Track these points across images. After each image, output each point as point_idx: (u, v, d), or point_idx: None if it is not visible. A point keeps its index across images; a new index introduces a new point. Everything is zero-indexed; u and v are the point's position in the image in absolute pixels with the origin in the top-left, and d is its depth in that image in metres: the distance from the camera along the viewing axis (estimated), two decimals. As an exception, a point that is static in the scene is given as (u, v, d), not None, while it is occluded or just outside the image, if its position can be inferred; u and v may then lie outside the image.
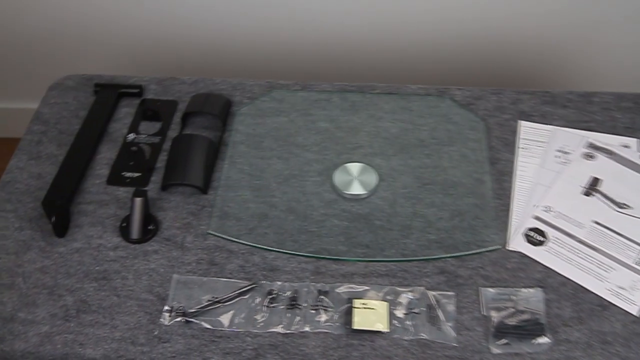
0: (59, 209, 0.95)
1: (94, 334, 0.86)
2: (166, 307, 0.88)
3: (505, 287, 0.90)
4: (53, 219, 0.94)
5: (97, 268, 0.92)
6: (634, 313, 0.88)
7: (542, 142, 1.07)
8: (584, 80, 1.59)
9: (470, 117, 1.10)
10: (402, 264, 0.93)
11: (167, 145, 1.07)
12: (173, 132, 1.09)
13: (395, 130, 1.09)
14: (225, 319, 0.87)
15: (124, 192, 1.01)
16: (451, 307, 0.88)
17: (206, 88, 1.16)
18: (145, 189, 0.99)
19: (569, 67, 1.57)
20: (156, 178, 1.03)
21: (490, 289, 0.89)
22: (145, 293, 0.90)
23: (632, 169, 1.02)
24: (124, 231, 0.96)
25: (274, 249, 0.94)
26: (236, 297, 0.89)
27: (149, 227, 0.96)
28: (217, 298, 0.88)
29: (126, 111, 1.13)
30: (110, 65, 1.61)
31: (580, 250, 0.93)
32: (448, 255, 0.93)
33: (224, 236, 0.95)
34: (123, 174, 1.03)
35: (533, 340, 0.85)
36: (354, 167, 1.03)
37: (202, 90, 1.16)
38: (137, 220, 0.94)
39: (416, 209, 0.98)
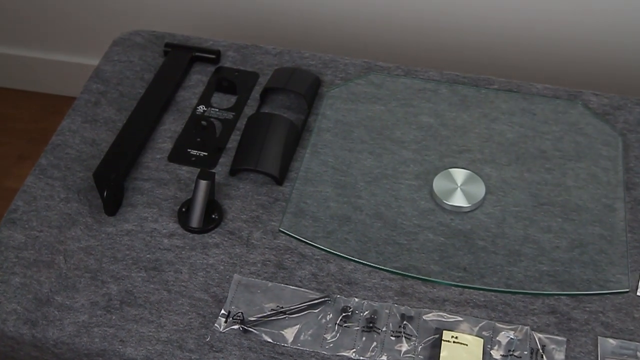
0: (112, 183, 0.98)
1: (137, 331, 0.88)
2: (222, 311, 0.89)
3: (630, 340, 0.88)
4: (105, 193, 0.97)
5: (148, 256, 0.95)
6: None
7: (692, 169, 1.04)
8: None
9: (605, 130, 1.08)
10: (505, 295, 0.92)
11: (241, 123, 1.09)
12: (250, 109, 1.11)
13: (512, 135, 1.08)
14: (289, 333, 0.88)
15: (186, 171, 1.03)
16: (560, 355, 0.86)
17: (292, 62, 1.18)
18: (212, 171, 1.01)
19: None
20: (225, 160, 1.05)
21: (611, 340, 0.87)
22: (199, 291, 0.91)
23: None
24: (183, 217, 0.98)
25: (354, 259, 0.94)
26: (305, 309, 0.89)
27: (212, 216, 0.97)
28: (282, 308, 0.89)
29: (198, 79, 1.15)
30: (184, 23, 1.64)
31: None
32: (562, 292, 0.91)
33: (297, 236, 0.96)
34: (188, 150, 1.06)
35: (657, 409, 0.82)
36: (459, 174, 1.02)
37: (288, 64, 1.17)
38: (199, 207, 0.96)
39: (528, 232, 0.97)
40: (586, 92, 1.13)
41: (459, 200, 1.00)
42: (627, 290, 0.92)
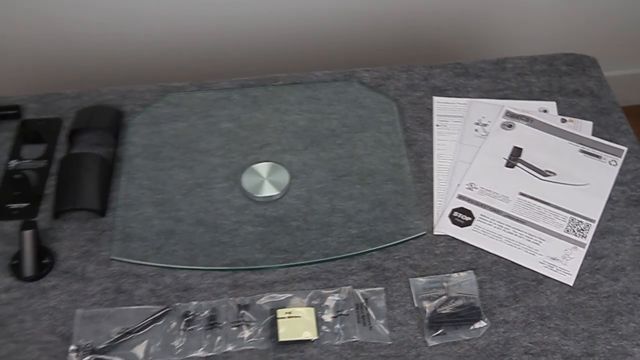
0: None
1: (-6, 388, 0.85)
2: (72, 347, 0.87)
3: (435, 274, 0.93)
4: None
5: (-11, 314, 0.91)
6: (569, 283, 0.92)
7: (458, 116, 1.11)
8: (496, 47, 1.65)
9: (380, 99, 1.13)
10: (324, 264, 0.95)
11: (54, 168, 1.07)
12: (60, 154, 1.09)
13: (303, 122, 1.11)
14: (139, 350, 0.87)
15: (11, 226, 1.00)
16: (381, 304, 0.90)
17: (92, 100, 1.16)
18: (35, 219, 0.99)
19: (478, 34, 1.62)
20: (47, 206, 1.02)
21: (420, 279, 0.92)
22: (47, 334, 0.89)
23: (552, 134, 1.08)
24: (16, 269, 0.95)
25: (185, 267, 0.95)
26: (149, 324, 0.89)
27: (44, 261, 0.95)
28: (128, 329, 0.89)
29: (5, 136, 1.11)
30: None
31: (508, 225, 0.98)
32: (372, 248, 0.96)
33: (128, 260, 0.95)
34: (8, 206, 1.02)
35: (470, 326, 0.88)
36: (263, 168, 1.04)
37: (88, 104, 1.15)
38: (29, 255, 0.94)
39: (334, 203, 1.01)
40: (359, 70, 1.18)
41: (268, 190, 1.02)
42: (424, 232, 0.97)
